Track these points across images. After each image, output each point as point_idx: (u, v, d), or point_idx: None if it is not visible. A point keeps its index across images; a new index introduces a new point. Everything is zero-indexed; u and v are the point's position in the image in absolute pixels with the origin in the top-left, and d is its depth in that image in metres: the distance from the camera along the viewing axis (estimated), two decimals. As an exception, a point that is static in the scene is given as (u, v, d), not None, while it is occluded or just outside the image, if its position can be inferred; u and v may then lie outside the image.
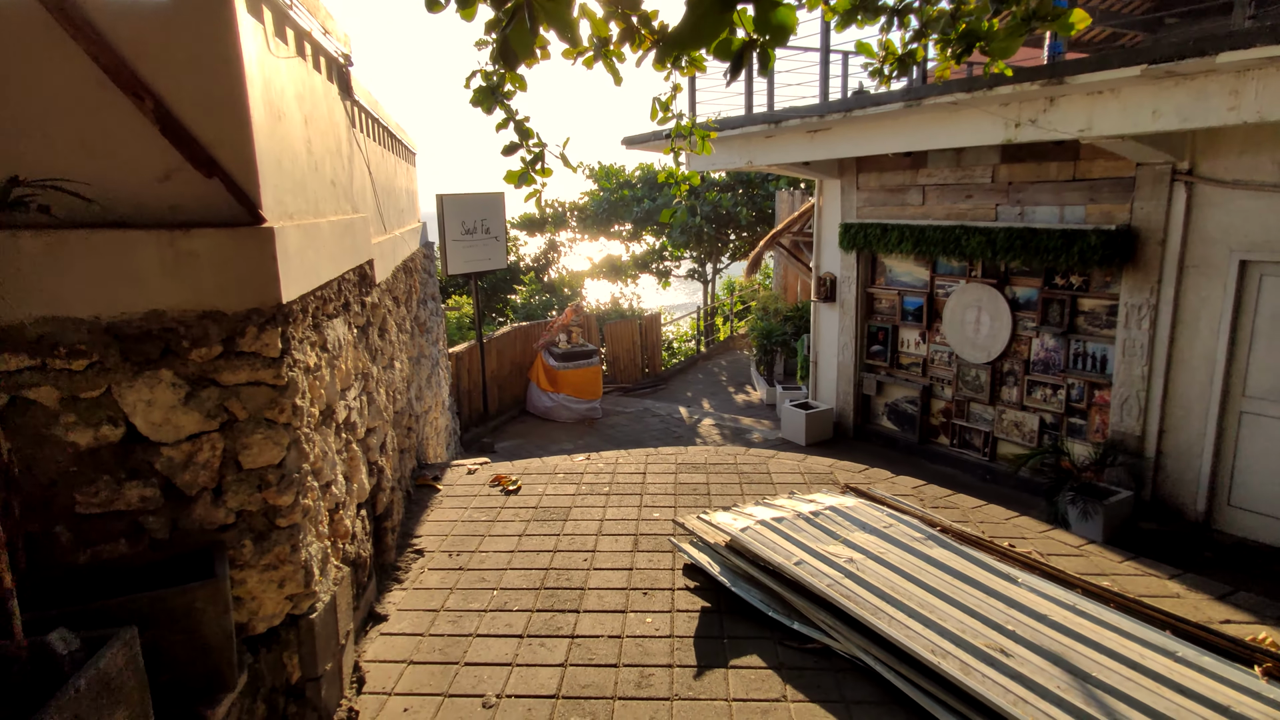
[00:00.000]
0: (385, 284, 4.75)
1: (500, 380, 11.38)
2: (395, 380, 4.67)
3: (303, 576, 2.40)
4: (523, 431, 11.01)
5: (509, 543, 4.18)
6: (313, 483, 2.56)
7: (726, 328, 20.12)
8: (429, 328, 7.30)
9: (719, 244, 18.01)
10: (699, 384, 14.63)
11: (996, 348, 7.70)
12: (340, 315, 3.21)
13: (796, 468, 5.38)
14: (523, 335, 11.92)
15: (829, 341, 9.78)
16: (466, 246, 10.13)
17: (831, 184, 9.36)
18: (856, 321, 9.28)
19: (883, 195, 8.68)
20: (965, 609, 3.03)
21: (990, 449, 7.98)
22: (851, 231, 8.90)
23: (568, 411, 11.29)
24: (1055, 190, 6.83)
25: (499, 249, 10.58)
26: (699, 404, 13.11)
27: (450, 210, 9.80)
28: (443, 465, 5.68)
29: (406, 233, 6.58)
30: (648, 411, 11.96)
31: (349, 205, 3.70)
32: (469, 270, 10.19)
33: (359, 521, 3.35)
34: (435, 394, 7.21)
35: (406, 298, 5.90)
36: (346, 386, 3.25)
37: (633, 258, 19.73)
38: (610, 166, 18.62)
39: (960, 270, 8.10)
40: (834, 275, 9.51)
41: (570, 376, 11.27)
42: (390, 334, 4.63)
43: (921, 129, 6.89)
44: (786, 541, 3.63)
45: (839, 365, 9.61)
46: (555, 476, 5.29)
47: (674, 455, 5.76)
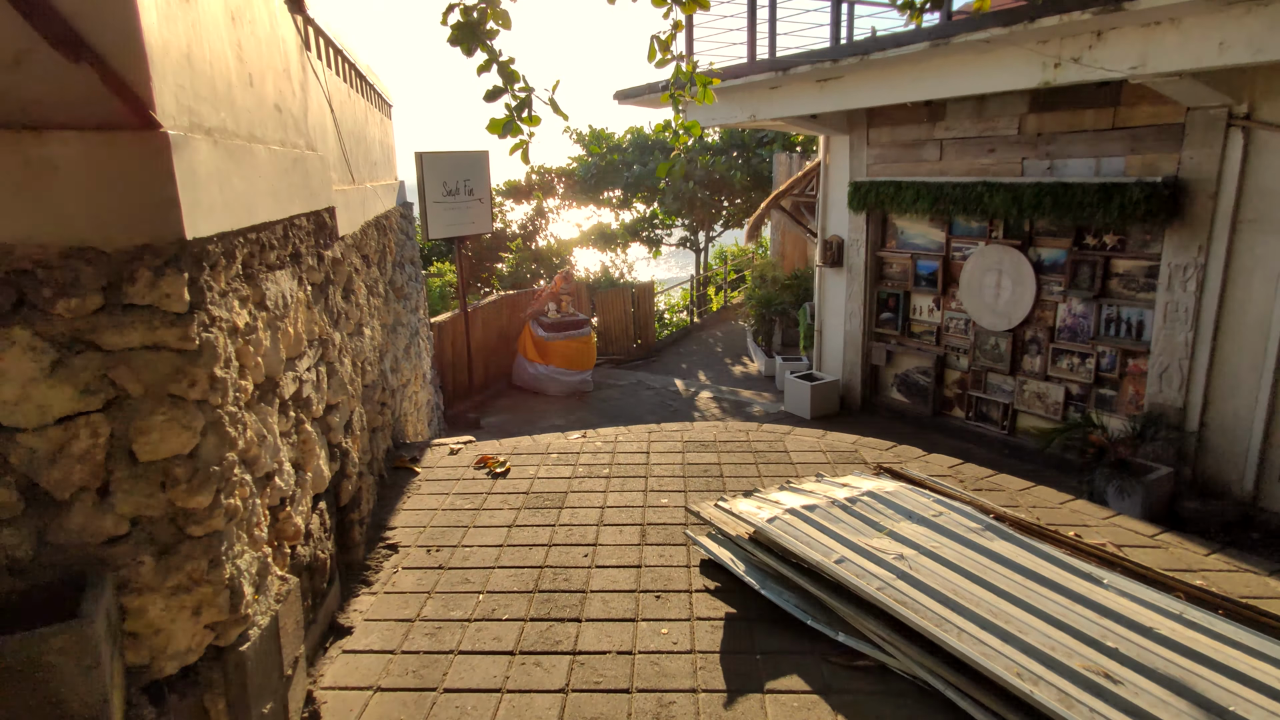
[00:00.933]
0: (352, 239, 4.14)
1: (486, 352, 10.78)
2: (365, 349, 4.09)
3: (227, 598, 1.84)
4: (510, 406, 10.44)
5: (497, 535, 3.64)
6: (243, 475, 1.99)
7: (720, 298, 19.55)
8: (407, 294, 6.69)
9: (712, 210, 17.35)
10: (694, 355, 14.09)
11: (1018, 314, 7.18)
12: (287, 267, 2.62)
13: (817, 445, 4.85)
14: (509, 304, 11.31)
15: (835, 309, 9.24)
16: (448, 209, 9.46)
17: (840, 140, 8.74)
18: (865, 287, 8.73)
19: (896, 151, 8.08)
20: (1048, 618, 2.52)
21: (1010, 422, 7.50)
22: (862, 190, 8.31)
23: (557, 384, 10.73)
24: (1091, 141, 6.26)
25: (484, 212, 9.91)
26: (694, 376, 12.58)
27: (430, 170, 9.11)
28: (423, 444, 5.11)
29: (381, 188, 5.93)
30: (641, 384, 11.42)
31: (301, 139, 3.08)
32: (451, 234, 9.54)
33: (316, 517, 2.79)
34: (415, 366, 6.62)
35: (380, 258, 5.28)
36: (296, 354, 2.67)
37: (622, 226, 19.05)
38: (600, 130, 17.85)
39: (979, 231, 7.55)
40: (841, 238, 8.94)
41: (560, 347, 10.69)
42: (358, 296, 4.03)
43: (946, 74, 6.28)
44: (822, 534, 3.11)
45: (846, 334, 9.08)
46: (548, 457, 4.73)
47: (680, 432, 5.22)
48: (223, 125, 2.07)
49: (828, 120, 8.33)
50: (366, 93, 5.86)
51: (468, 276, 14.87)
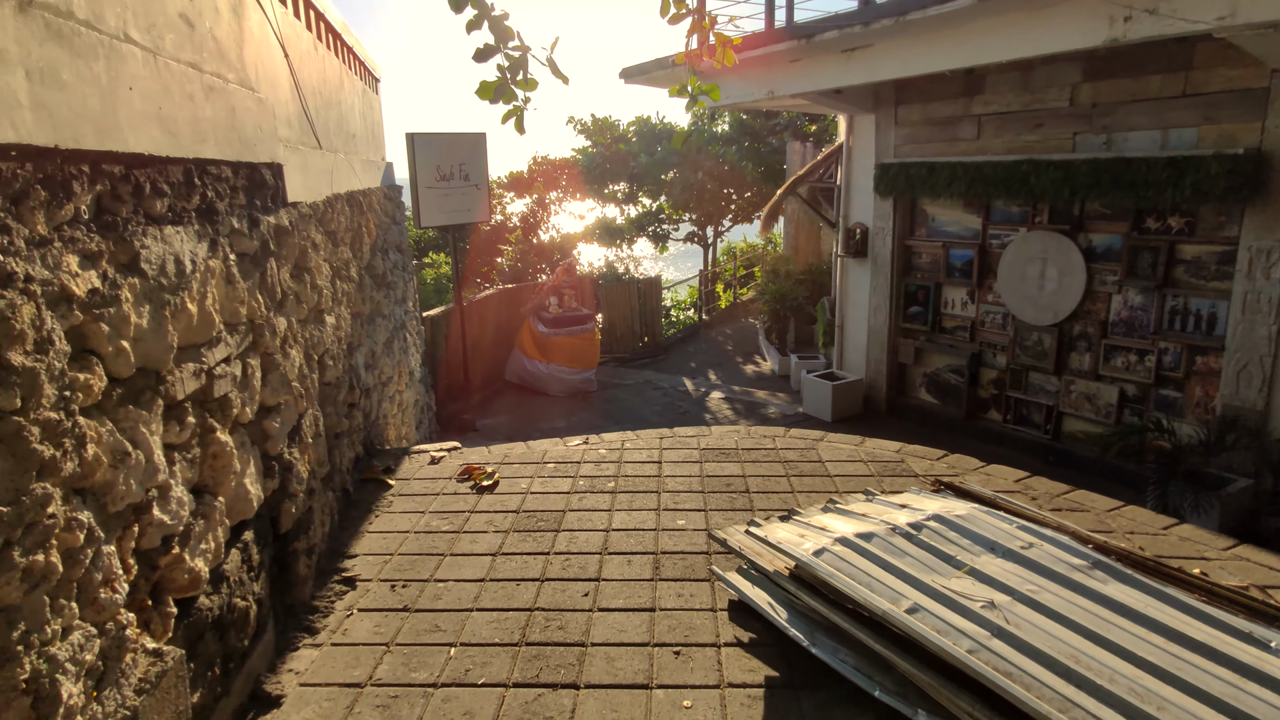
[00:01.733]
0: (312, 210, 3.49)
1: (483, 348, 10.14)
2: (326, 340, 3.44)
3: (25, 713, 1.19)
4: (508, 406, 9.80)
5: (478, 566, 2.99)
6: (74, 514, 1.34)
7: (728, 295, 18.88)
8: (391, 282, 6.05)
9: (721, 204, 16.68)
10: (702, 354, 13.42)
11: (1065, 306, 6.51)
12: (189, 224, 1.97)
13: (855, 454, 4.19)
14: (508, 298, 10.66)
15: (858, 303, 8.57)
16: (442, 195, 8.81)
17: (864, 120, 8.07)
18: (892, 279, 8.06)
19: (927, 130, 7.41)
20: (1213, 701, 1.85)
21: (1054, 425, 6.82)
22: (890, 173, 7.64)
23: (559, 383, 10.07)
24: (1156, 110, 5.59)
25: (480, 199, 9.26)
26: (704, 375, 11.92)
27: (422, 152, 8.47)
28: (400, 452, 4.47)
29: (360, 163, 5.29)
30: (648, 384, 10.76)
31: (230, 72, 2.43)
32: (445, 223, 8.89)
33: (236, 553, 2.14)
34: (399, 362, 5.97)
35: (355, 239, 4.64)
36: (205, 341, 2.02)
37: (628, 220, 18.39)
38: (605, 119, 17.19)
39: (1020, 216, 6.87)
40: (865, 226, 8.27)
41: (562, 344, 10.04)
42: (317, 277, 3.38)
43: (992, 36, 5.62)
44: (885, 572, 2.45)
45: (870, 330, 8.41)
46: (544, 468, 4.08)
47: (695, 438, 4.56)
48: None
49: (852, 96, 7.66)
50: (344, 55, 5.22)
51: (466, 270, 14.24)
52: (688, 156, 15.18)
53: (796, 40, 6.62)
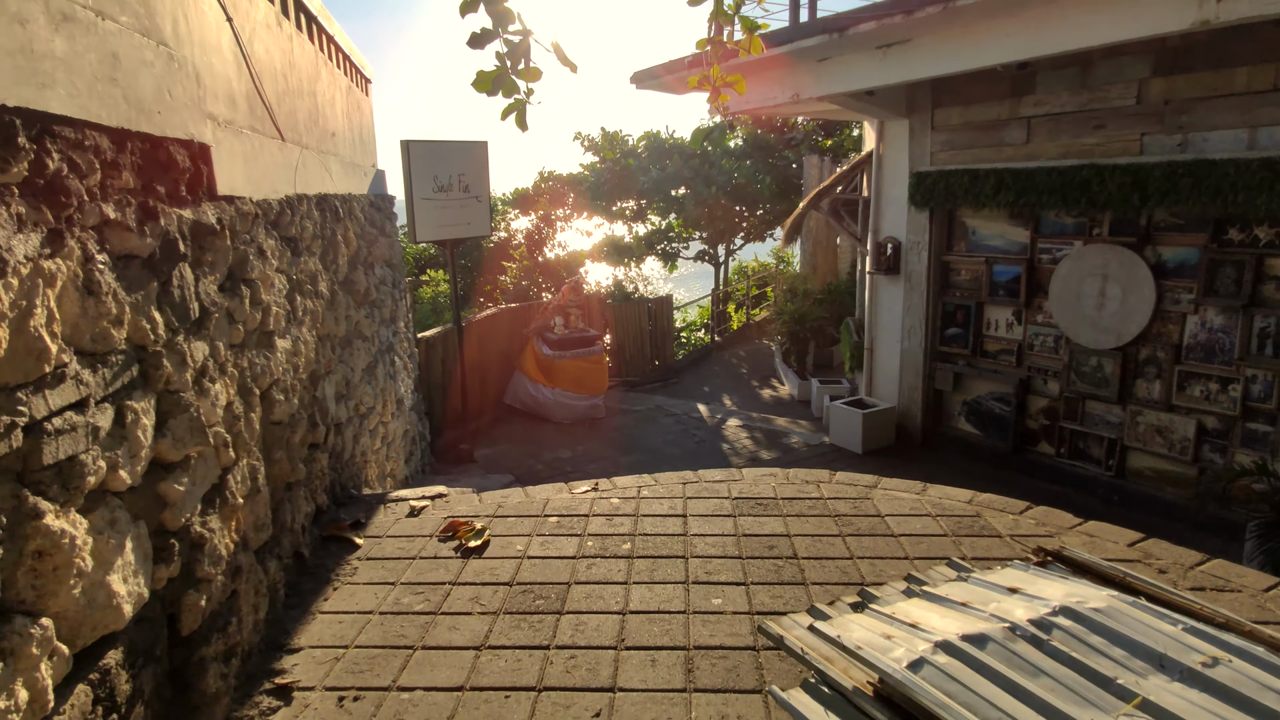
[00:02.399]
0: (261, 211, 2.84)
1: (483, 372, 9.48)
2: (275, 369, 2.77)
3: None
4: (510, 434, 9.11)
5: (456, 666, 2.29)
6: None
7: (740, 315, 18.22)
8: (377, 300, 5.40)
9: (735, 220, 16.08)
10: (716, 377, 12.74)
11: (1130, 328, 5.81)
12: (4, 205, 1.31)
13: (919, 505, 3.48)
14: (511, 318, 10.01)
15: (889, 324, 7.88)
16: (440, 208, 8.20)
17: (897, 126, 7.44)
18: (927, 298, 7.38)
19: (969, 134, 6.76)
20: None
21: (1117, 461, 6.09)
22: (927, 183, 6.99)
23: (565, 409, 9.39)
24: (1242, 107, 4.92)
25: (481, 212, 8.65)
26: (719, 400, 11.22)
27: (418, 160, 7.87)
28: (376, 500, 3.78)
29: (339, 165, 4.68)
30: (660, 410, 10.07)
31: (119, 8, 1.79)
32: (442, 237, 8.27)
33: (84, 691, 1.45)
34: (383, 390, 5.31)
35: (327, 250, 4.00)
36: (33, 380, 1.35)
37: (637, 238, 17.80)
38: (614, 133, 16.65)
39: (1075, 228, 6.20)
40: (897, 241, 7.60)
41: (568, 367, 9.36)
42: (263, 292, 2.72)
43: (1051, 25, 4.98)
44: (1016, 701, 1.75)
45: (903, 353, 7.72)
46: (545, 522, 3.38)
47: (725, 483, 3.87)
48: None
49: (885, 100, 7.03)
50: (324, 44, 4.63)
51: (466, 288, 13.62)
52: (699, 171, 14.60)
53: (828, 34, 6.01)
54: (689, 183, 14.73)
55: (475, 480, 7.23)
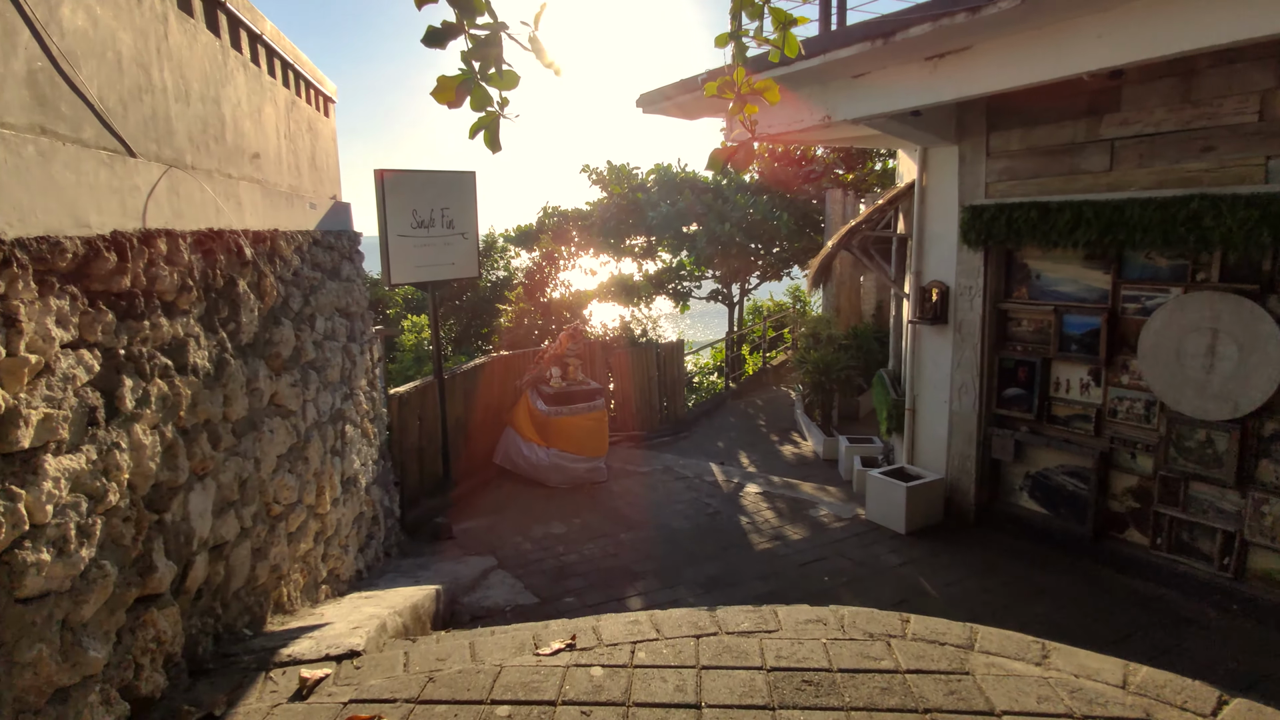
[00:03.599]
0: (28, 254, 1.82)
1: (469, 430, 8.40)
2: (23, 513, 1.71)
3: None
4: (497, 502, 7.99)
5: None
6: None
7: (755, 359, 17.14)
8: (318, 362, 4.37)
9: (751, 259, 15.10)
10: (731, 430, 11.61)
11: (1252, 396, 4.68)
12: None
13: (1047, 690, 2.34)
14: (502, 368, 8.97)
15: (935, 380, 6.78)
16: (420, 245, 7.23)
17: (943, 153, 6.43)
18: (982, 352, 6.28)
19: (1034, 161, 5.73)
20: None
21: (1235, 560, 4.91)
22: (983, 218, 5.95)
23: (561, 473, 8.28)
24: None
25: (467, 251, 7.68)
26: (734, 459, 10.09)
27: (394, 192, 6.92)
28: (256, 662, 2.68)
29: (257, 192, 3.68)
30: (670, 472, 8.94)
31: None
32: (422, 279, 7.28)
33: None
34: (322, 472, 4.23)
35: (216, 306, 2.97)
36: None
37: (646, 276, 16.83)
38: (621, 167, 15.79)
39: (1171, 272, 5.12)
40: (944, 285, 6.53)
41: (565, 425, 8.28)
42: (11, 386, 1.68)
43: (1153, 22, 3.96)
44: None
45: (952, 415, 6.59)
46: (490, 717, 2.27)
47: (755, 636, 2.74)
48: None
49: (932, 122, 6.03)
50: (236, 37, 3.66)
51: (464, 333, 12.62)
52: (712, 207, 13.66)
53: (870, 42, 5.02)
54: (701, 219, 13.79)
55: (449, 566, 6.11)
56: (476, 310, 12.12)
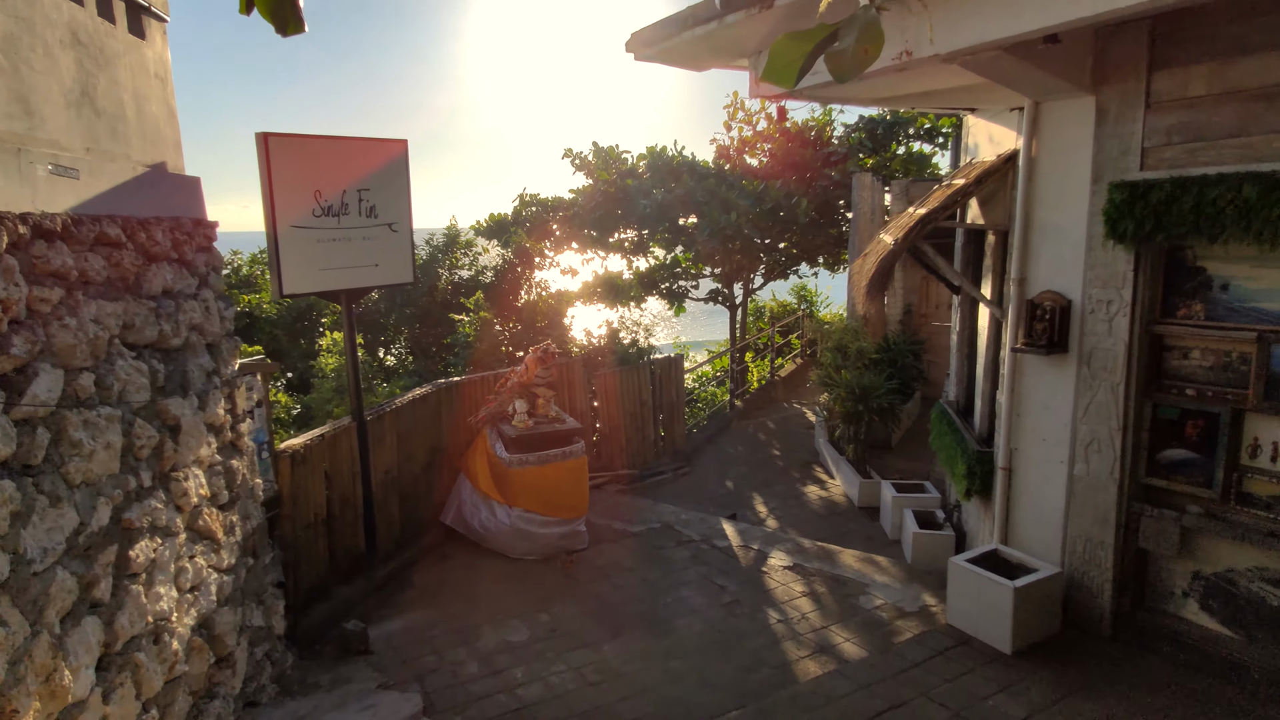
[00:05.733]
0: None
1: (407, 483, 6.38)
2: None
3: None
4: (440, 583, 5.97)
5: None
6: None
7: (759, 367, 15.20)
8: (63, 453, 2.36)
9: (756, 254, 13.14)
10: (740, 463, 9.64)
11: None
12: None
13: None
14: (450, 401, 6.95)
15: (1046, 431, 4.83)
16: (328, 244, 5.21)
17: (1066, 108, 4.46)
18: (1125, 395, 4.34)
19: (1232, 113, 3.77)
20: None
21: None
22: (1146, 200, 3.99)
23: (527, 540, 6.29)
24: None
25: (398, 248, 5.67)
26: (749, 505, 8.13)
27: (286, 165, 4.90)
28: None
29: None
30: (669, 531, 6.96)
31: None
32: (330, 287, 5.27)
33: None
34: (77, 646, 2.22)
35: None
36: None
37: (636, 275, 14.83)
38: (610, 149, 13.75)
39: None
40: (1063, 299, 4.58)
41: (533, 479, 6.28)
42: None
43: None
44: None
45: (1073, 482, 4.65)
46: None
47: None
48: None
49: (1055, 59, 4.06)
50: None
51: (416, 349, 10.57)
52: (715, 194, 11.65)
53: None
54: (701, 208, 11.78)
55: (353, 709, 4.12)
56: (427, 324, 10.08)
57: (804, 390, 13.94)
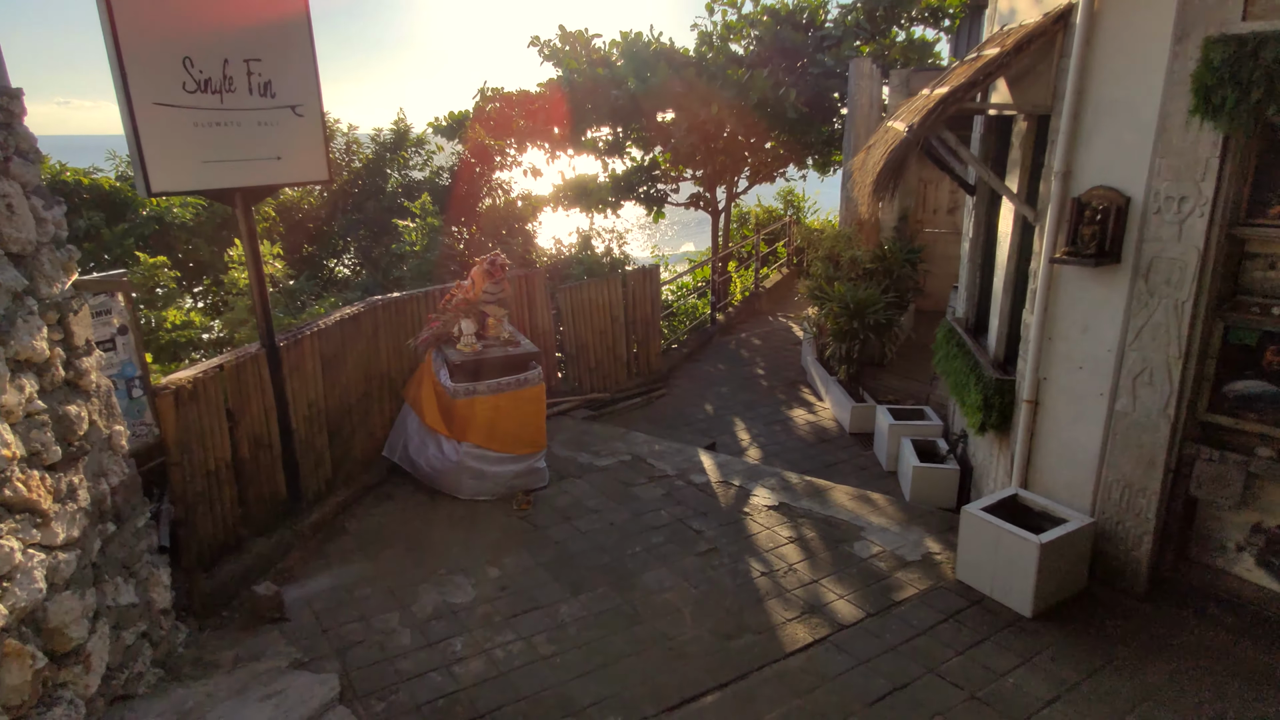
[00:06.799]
0: None
1: (334, 420, 5.54)
2: None
3: None
4: (374, 534, 5.23)
5: None
6: None
7: (743, 277, 14.30)
8: None
9: (740, 153, 12.01)
10: (722, 383, 8.89)
11: None
12: None
13: None
14: (390, 322, 6.04)
15: (1083, 357, 4.04)
16: (210, 130, 4.17)
17: (1150, -60, 3.44)
18: (1193, 316, 3.53)
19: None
20: None
21: None
22: (1252, 56, 3.05)
23: (477, 480, 5.54)
24: None
25: (305, 135, 4.62)
26: (729, 431, 7.42)
27: (134, 18, 3.80)
28: None
29: None
30: (640, 464, 6.23)
31: None
32: (215, 185, 4.26)
33: None
34: None
35: None
36: None
37: (612, 177, 13.66)
38: (579, 34, 12.30)
39: None
40: (1120, 196, 3.70)
41: (482, 411, 5.47)
42: None
43: None
44: None
45: (1114, 419, 3.90)
46: None
47: None
48: None
49: None
50: None
51: (366, 261, 9.53)
52: (695, 86, 10.42)
53: None
54: (681, 101, 10.55)
55: (245, 714, 3.41)
56: (385, 228, 8.99)
57: (791, 302, 13.11)
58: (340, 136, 10.27)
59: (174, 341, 5.84)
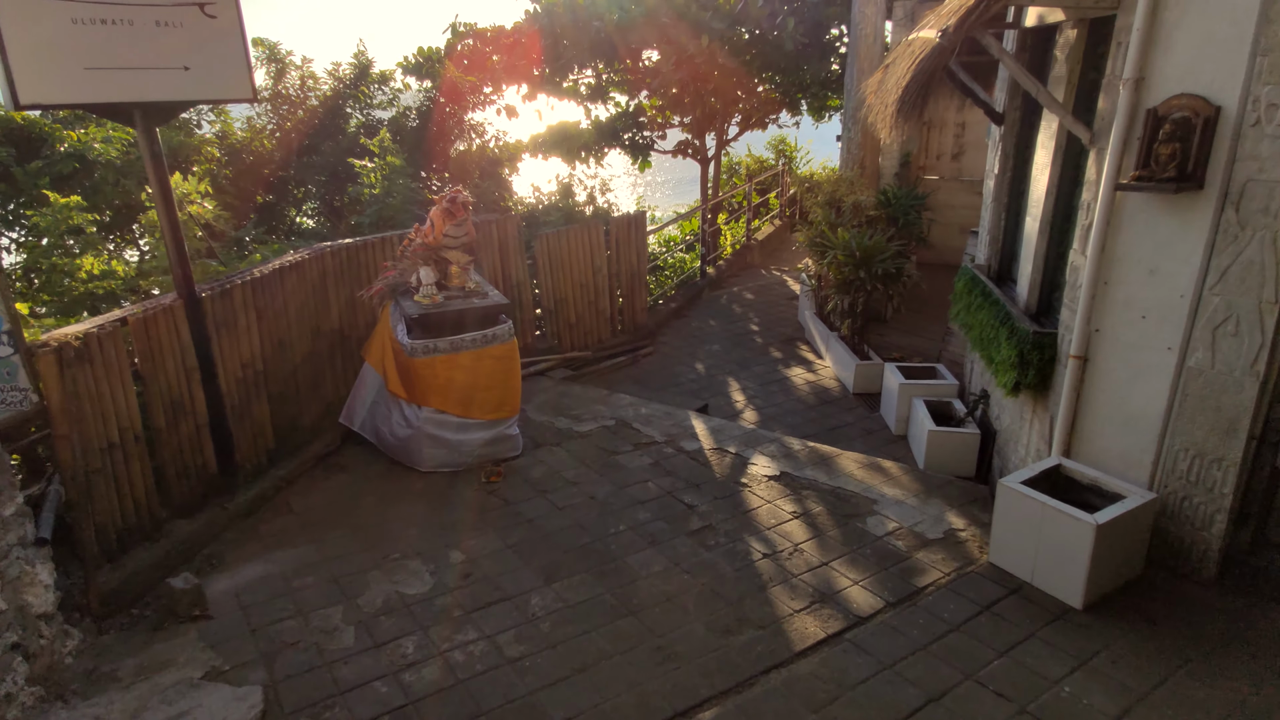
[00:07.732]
0: None
1: (274, 383, 4.84)
2: None
3: None
4: (321, 512, 4.58)
5: None
6: None
7: (734, 230, 13.57)
8: None
9: (733, 95, 11.18)
10: (714, 340, 8.24)
11: None
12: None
13: None
14: (341, 269, 5.31)
15: (1147, 305, 3.41)
16: (95, 29, 3.41)
17: None
18: (1298, 253, 2.88)
19: None
20: None
21: None
22: None
23: (441, 449, 4.89)
24: None
25: (221, 47, 3.86)
26: (723, 392, 6.79)
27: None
28: None
29: None
30: (625, 427, 5.60)
31: None
32: (106, 99, 3.51)
33: None
34: None
35: None
36: None
37: (595, 124, 12.78)
38: (556, -39, 11.30)
39: None
40: (1209, 105, 3.02)
41: (443, 371, 4.79)
42: None
43: None
44: None
45: (1184, 376, 3.28)
46: None
47: None
48: None
49: None
50: None
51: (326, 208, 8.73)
52: (686, 14, 9.54)
53: None
54: (668, 30, 9.67)
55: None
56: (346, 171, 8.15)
57: (784, 255, 12.43)
58: (294, 70, 9.35)
59: (90, 293, 5.10)
